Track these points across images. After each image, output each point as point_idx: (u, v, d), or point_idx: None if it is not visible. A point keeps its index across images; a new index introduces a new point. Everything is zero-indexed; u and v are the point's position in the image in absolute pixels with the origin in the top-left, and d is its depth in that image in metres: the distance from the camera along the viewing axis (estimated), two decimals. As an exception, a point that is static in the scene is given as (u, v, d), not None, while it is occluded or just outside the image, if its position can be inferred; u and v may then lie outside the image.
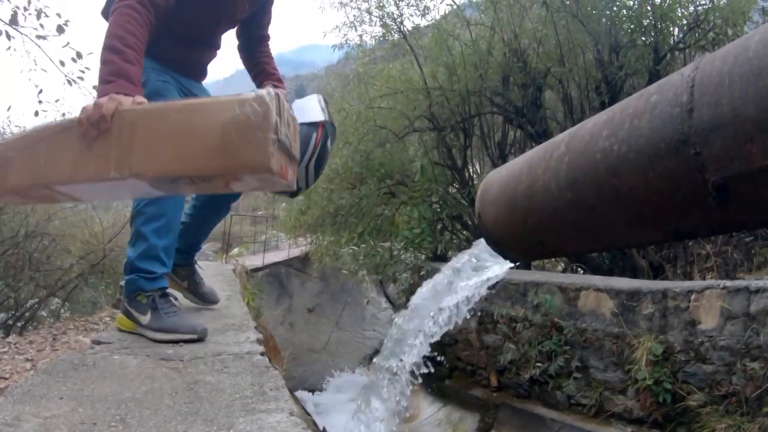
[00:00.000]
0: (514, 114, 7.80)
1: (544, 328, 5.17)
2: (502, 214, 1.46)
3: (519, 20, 7.46)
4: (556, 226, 1.26)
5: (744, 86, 0.85)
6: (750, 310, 3.77)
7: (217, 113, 1.61)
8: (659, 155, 0.96)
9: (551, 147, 1.28)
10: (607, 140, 1.08)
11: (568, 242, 1.33)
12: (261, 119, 1.58)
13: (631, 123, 1.04)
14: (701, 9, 6.68)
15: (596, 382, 4.72)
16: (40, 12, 6.18)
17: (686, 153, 0.92)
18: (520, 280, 5.54)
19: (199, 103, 1.72)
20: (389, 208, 8.43)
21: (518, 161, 1.46)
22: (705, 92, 0.91)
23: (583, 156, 1.14)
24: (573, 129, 1.28)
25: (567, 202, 1.18)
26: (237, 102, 1.60)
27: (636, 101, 1.06)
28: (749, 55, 0.87)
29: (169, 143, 1.64)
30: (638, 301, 4.44)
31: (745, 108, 0.84)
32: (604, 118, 1.14)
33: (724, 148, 0.87)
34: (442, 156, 8.34)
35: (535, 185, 1.28)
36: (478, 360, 6.03)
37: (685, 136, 0.92)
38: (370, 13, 8.41)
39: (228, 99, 1.66)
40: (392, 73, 8.38)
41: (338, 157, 8.29)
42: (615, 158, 1.05)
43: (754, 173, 0.84)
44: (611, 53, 6.95)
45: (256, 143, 1.57)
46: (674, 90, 0.98)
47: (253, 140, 1.57)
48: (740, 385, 3.75)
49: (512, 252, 1.54)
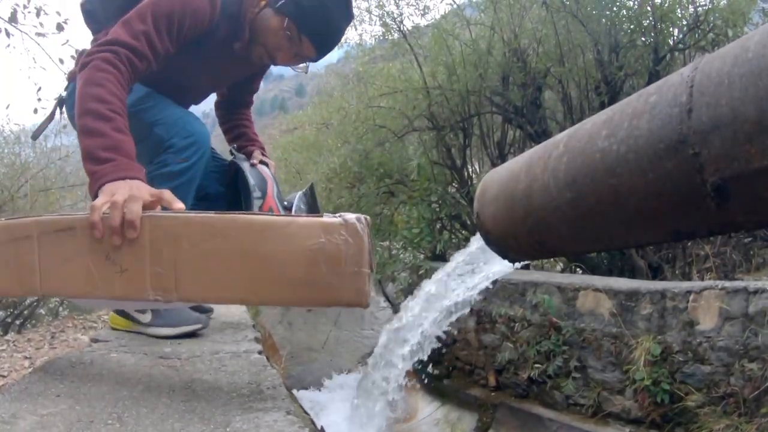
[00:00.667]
0: (514, 114, 7.79)
1: (542, 327, 5.17)
2: (500, 213, 1.46)
3: (519, 20, 7.46)
4: (555, 226, 1.26)
5: (743, 87, 0.85)
6: (749, 311, 3.77)
7: (297, 239, 1.41)
8: (658, 155, 0.96)
9: (550, 147, 1.28)
10: (606, 140, 1.08)
11: (566, 242, 1.33)
12: (355, 252, 1.40)
13: (630, 123, 1.04)
14: (701, 10, 6.67)
15: (594, 382, 4.72)
16: (39, 10, 6.19)
17: (685, 153, 0.92)
18: (518, 280, 5.54)
19: (270, 222, 1.47)
20: (388, 208, 8.42)
21: (517, 161, 1.46)
22: (704, 92, 0.91)
23: (582, 156, 1.14)
24: (572, 129, 1.28)
25: (566, 202, 1.18)
26: (321, 227, 1.41)
27: (635, 101, 1.07)
28: (749, 56, 0.87)
29: (232, 267, 1.43)
30: (637, 302, 4.44)
31: (745, 108, 0.84)
32: (603, 118, 1.15)
33: (723, 148, 0.87)
34: (441, 155, 8.33)
35: (534, 185, 1.28)
36: (477, 360, 6.03)
37: (683, 137, 0.92)
38: (369, 12, 8.40)
39: (308, 222, 1.44)
40: (392, 73, 8.37)
41: (337, 157, 8.29)
42: (614, 158, 1.06)
43: (754, 174, 0.84)
44: (611, 53, 6.94)
45: (351, 280, 1.40)
46: (673, 90, 0.98)
47: (347, 276, 1.40)
48: (738, 386, 3.75)
49: (511, 252, 1.54)
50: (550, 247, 1.43)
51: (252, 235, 1.43)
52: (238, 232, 1.43)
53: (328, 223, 1.41)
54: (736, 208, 0.92)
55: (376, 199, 8.24)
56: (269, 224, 1.45)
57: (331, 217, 1.46)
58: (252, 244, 1.42)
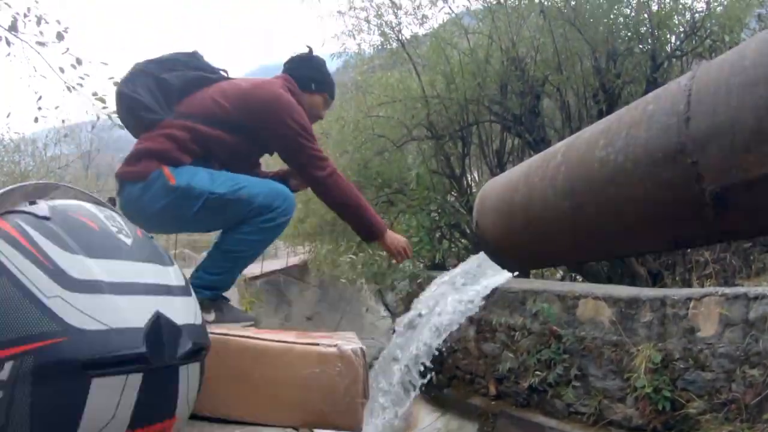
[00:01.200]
0: (512, 122, 7.80)
1: (542, 336, 5.16)
2: (499, 223, 1.46)
3: (517, 29, 7.48)
4: (554, 235, 1.26)
5: (741, 95, 0.85)
6: (749, 317, 3.76)
7: (293, 367, 1.46)
8: (656, 164, 0.96)
9: (548, 156, 1.28)
10: (604, 149, 1.08)
11: (565, 251, 1.33)
12: (350, 382, 1.45)
13: (628, 132, 1.04)
14: (698, 16, 6.71)
15: (595, 390, 4.70)
16: (40, 19, 6.20)
17: (683, 162, 0.92)
18: (518, 289, 5.53)
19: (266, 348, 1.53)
20: (387, 217, 8.41)
21: (515, 170, 1.46)
22: (702, 101, 0.91)
23: (580, 165, 1.14)
24: (570, 138, 1.28)
25: (564, 211, 1.18)
26: (317, 358, 1.46)
27: (633, 110, 1.07)
28: (746, 64, 0.87)
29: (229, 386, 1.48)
30: (637, 309, 4.43)
31: (743, 117, 0.84)
32: (601, 127, 1.15)
33: (721, 157, 0.87)
34: (440, 164, 8.34)
35: (533, 194, 1.28)
36: (477, 369, 6.02)
37: (682, 146, 0.92)
38: (368, 21, 8.43)
39: (304, 351, 1.49)
40: (390, 82, 8.39)
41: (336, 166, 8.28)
42: (612, 167, 1.05)
43: (752, 182, 0.84)
44: (609, 61, 6.96)
45: (345, 408, 1.45)
46: (671, 99, 0.98)
47: (341, 405, 1.45)
48: (740, 392, 3.74)
49: (510, 261, 1.53)
50: (549, 256, 1.42)
51: (248, 360, 1.49)
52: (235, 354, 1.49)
53: (324, 353, 1.46)
54: (735, 216, 0.91)
55: (376, 208, 8.20)
56: (265, 351, 1.51)
57: (327, 345, 1.50)
58: (248, 368, 1.48)
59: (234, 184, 2.52)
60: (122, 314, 1.09)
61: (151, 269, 1.22)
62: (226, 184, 2.50)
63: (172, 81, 2.60)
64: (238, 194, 2.49)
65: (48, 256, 1.08)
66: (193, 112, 2.56)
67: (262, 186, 2.60)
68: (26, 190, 1.29)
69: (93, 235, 1.17)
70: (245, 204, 2.50)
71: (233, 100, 2.59)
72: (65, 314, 1.04)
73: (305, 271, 17.54)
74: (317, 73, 3.01)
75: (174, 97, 2.60)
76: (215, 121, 2.56)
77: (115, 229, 1.21)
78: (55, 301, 1.05)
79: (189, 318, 1.23)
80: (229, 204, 2.49)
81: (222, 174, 2.55)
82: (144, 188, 2.41)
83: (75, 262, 1.09)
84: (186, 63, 2.72)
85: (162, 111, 2.56)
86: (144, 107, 2.54)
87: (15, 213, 1.17)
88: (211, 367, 1.33)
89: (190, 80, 2.66)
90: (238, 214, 2.52)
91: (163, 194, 2.41)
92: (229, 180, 2.53)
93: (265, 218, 2.56)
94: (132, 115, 2.60)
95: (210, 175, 2.51)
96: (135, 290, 1.15)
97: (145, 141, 2.52)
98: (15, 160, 14.20)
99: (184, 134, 2.50)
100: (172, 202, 2.43)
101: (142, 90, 2.54)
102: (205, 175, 2.49)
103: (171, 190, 2.41)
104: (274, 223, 2.58)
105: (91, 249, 1.13)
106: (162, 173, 2.41)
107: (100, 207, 1.29)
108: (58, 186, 1.37)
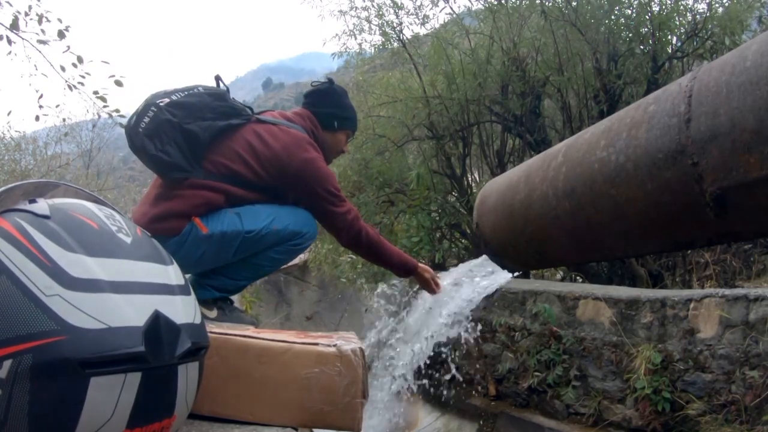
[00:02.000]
0: (513, 122, 7.79)
1: (542, 337, 5.16)
2: (499, 223, 1.45)
3: (518, 29, 7.47)
4: (554, 235, 1.26)
5: (742, 96, 0.84)
6: (749, 319, 3.76)
7: (293, 367, 1.47)
8: (657, 165, 0.96)
9: (549, 157, 1.28)
10: (605, 150, 1.08)
11: (566, 252, 1.33)
12: (349, 383, 1.46)
13: (629, 133, 1.03)
14: (699, 17, 6.70)
15: (595, 391, 4.70)
16: (41, 17, 6.20)
17: (684, 163, 0.92)
18: (518, 289, 5.52)
19: (265, 348, 1.53)
20: (388, 217, 8.40)
21: (516, 171, 1.45)
22: (702, 102, 0.91)
23: (581, 166, 1.14)
24: (571, 139, 1.28)
25: (565, 211, 1.18)
26: (317, 358, 1.46)
27: (634, 111, 1.06)
28: (747, 65, 0.86)
29: (226, 385, 1.49)
30: (637, 310, 4.43)
31: (743, 118, 0.83)
32: (602, 128, 1.14)
33: (721, 158, 0.87)
34: (440, 164, 8.32)
35: (533, 195, 1.28)
36: (477, 369, 6.01)
37: (682, 147, 0.92)
38: (369, 21, 8.41)
39: (303, 351, 1.49)
40: (391, 82, 8.37)
41: (336, 166, 8.28)
42: (613, 168, 1.05)
43: (752, 183, 0.84)
44: (610, 62, 6.95)
45: (344, 408, 1.45)
46: (672, 100, 0.98)
47: (340, 404, 1.45)
48: (739, 394, 3.74)
49: (510, 261, 1.53)
50: (549, 256, 1.42)
51: (248, 360, 1.50)
52: (235, 354, 1.50)
53: (323, 353, 1.47)
54: (736, 217, 0.91)
55: (376, 208, 8.22)
56: (265, 350, 1.52)
57: (326, 345, 1.51)
58: (247, 367, 1.48)
59: (264, 219, 2.68)
60: (121, 313, 1.09)
61: (151, 268, 1.22)
62: (257, 220, 2.66)
63: (200, 135, 2.50)
64: (270, 227, 2.67)
65: (47, 254, 1.08)
66: (223, 173, 2.60)
67: (289, 215, 2.78)
68: (26, 188, 1.29)
69: (93, 233, 1.17)
70: (278, 234, 2.71)
71: (264, 164, 2.68)
72: (64, 313, 1.04)
73: (305, 271, 17.51)
74: (338, 109, 3.09)
75: (201, 150, 2.55)
76: (245, 183, 2.65)
77: (115, 227, 1.22)
78: (54, 299, 1.05)
79: (188, 317, 1.23)
80: (264, 237, 2.67)
81: (247, 210, 2.69)
82: (178, 243, 2.45)
83: (74, 260, 1.10)
84: (213, 108, 2.59)
85: (190, 167, 2.50)
86: (175, 167, 2.47)
87: (15, 211, 1.17)
88: (210, 366, 1.33)
89: (216, 132, 2.57)
90: (271, 242, 2.72)
91: (199, 244, 2.50)
92: (257, 215, 2.68)
93: (294, 243, 2.80)
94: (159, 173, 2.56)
95: (237, 215, 2.63)
96: (134, 289, 1.15)
97: (174, 199, 2.52)
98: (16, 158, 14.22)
99: (216, 196, 2.56)
100: (210, 249, 2.54)
101: (170, 148, 2.42)
102: (234, 217, 2.61)
103: (206, 239, 2.50)
104: (302, 246, 2.87)
105: (90, 248, 1.13)
106: (194, 225, 2.49)
107: (100, 205, 1.30)
108: (58, 185, 1.37)
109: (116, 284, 1.11)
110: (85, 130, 27.34)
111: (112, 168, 31.91)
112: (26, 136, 15.57)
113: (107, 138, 25.93)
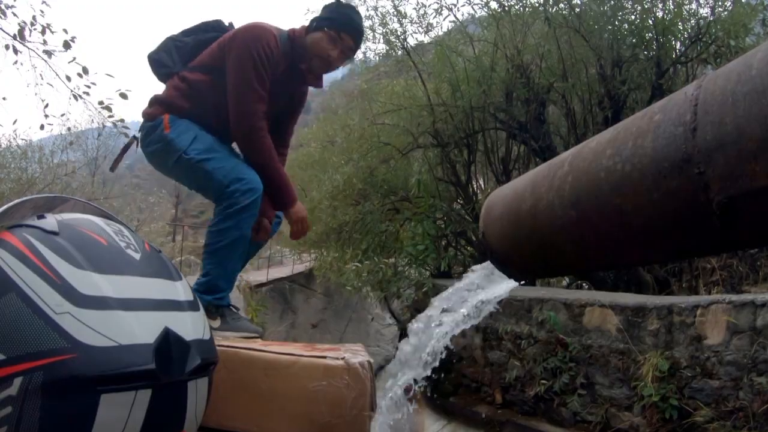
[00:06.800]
0: (518, 129, 7.80)
1: (549, 344, 5.15)
2: (506, 232, 1.45)
3: (522, 36, 7.49)
4: (560, 244, 1.26)
5: (748, 105, 0.85)
6: (756, 324, 3.74)
7: (300, 379, 1.46)
8: (663, 174, 0.96)
9: (555, 166, 1.28)
10: (611, 159, 1.08)
11: (571, 261, 1.33)
12: (357, 395, 1.45)
13: (635, 142, 1.03)
14: (703, 22, 6.70)
15: (602, 399, 4.69)
16: (45, 27, 6.26)
17: (690, 172, 0.92)
18: (524, 297, 5.52)
19: (274, 361, 1.53)
20: (393, 224, 8.41)
21: (522, 180, 1.46)
22: (708, 111, 0.91)
23: (586, 175, 1.14)
24: (577, 147, 1.28)
25: (571, 220, 1.18)
26: (324, 370, 1.45)
27: (640, 120, 1.06)
28: (752, 74, 0.87)
29: (236, 398, 1.49)
30: (644, 317, 4.42)
31: (749, 127, 0.83)
32: (607, 136, 1.14)
33: (728, 167, 0.87)
34: (446, 172, 8.34)
35: (539, 204, 1.28)
36: (483, 377, 6.00)
37: (688, 155, 0.92)
38: (373, 30, 8.45)
39: (311, 364, 1.48)
40: (396, 90, 8.41)
41: (341, 174, 8.30)
42: (619, 177, 1.05)
43: (759, 192, 0.84)
44: (614, 68, 6.96)
45: (352, 421, 1.44)
46: (677, 109, 0.98)
47: (348, 417, 1.44)
48: (747, 400, 3.72)
49: (516, 270, 1.53)
50: (555, 265, 1.42)
51: (255, 370, 1.49)
52: (242, 365, 1.50)
53: (331, 366, 1.46)
54: (742, 226, 0.91)
55: (381, 215, 8.23)
56: (272, 363, 1.51)
57: (334, 358, 1.50)
58: (253, 378, 1.48)
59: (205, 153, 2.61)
60: (131, 330, 1.09)
61: (160, 285, 1.22)
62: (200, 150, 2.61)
63: (187, 41, 2.89)
64: (202, 164, 2.59)
65: (57, 271, 1.08)
66: (196, 65, 2.78)
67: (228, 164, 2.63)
68: (36, 202, 1.29)
69: (101, 250, 1.17)
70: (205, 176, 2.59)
71: (220, 42, 2.74)
72: (74, 330, 1.04)
73: (311, 279, 17.55)
74: (322, 11, 2.88)
75: (188, 56, 2.86)
76: (203, 67, 2.76)
77: (124, 244, 1.22)
78: (65, 317, 1.05)
79: (197, 333, 1.23)
80: (193, 169, 2.61)
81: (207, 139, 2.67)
82: (150, 129, 2.67)
83: (84, 277, 1.10)
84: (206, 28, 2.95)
85: (174, 66, 2.83)
86: (159, 64, 2.86)
87: (24, 227, 1.17)
88: (218, 379, 1.33)
89: (203, 40, 2.85)
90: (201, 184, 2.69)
91: (157, 140, 2.65)
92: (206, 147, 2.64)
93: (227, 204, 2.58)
94: (153, 71, 2.91)
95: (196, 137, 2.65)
96: (143, 306, 1.15)
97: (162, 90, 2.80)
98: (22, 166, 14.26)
99: (181, 83, 2.73)
100: (159, 149, 2.66)
101: (163, 52, 2.87)
102: (191, 136, 2.64)
103: (161, 138, 2.63)
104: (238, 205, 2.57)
105: (99, 264, 1.13)
106: (162, 121, 2.65)
107: (109, 221, 1.30)
108: (67, 199, 1.37)
109: (125, 301, 1.11)
110: (91, 138, 27.51)
111: (118, 176, 32.00)
112: (32, 144, 15.64)
113: (113, 146, 26.06)
